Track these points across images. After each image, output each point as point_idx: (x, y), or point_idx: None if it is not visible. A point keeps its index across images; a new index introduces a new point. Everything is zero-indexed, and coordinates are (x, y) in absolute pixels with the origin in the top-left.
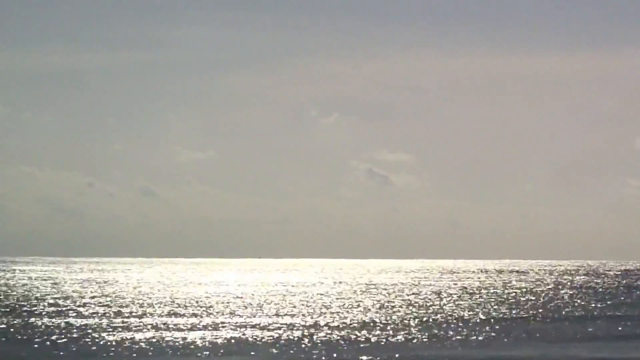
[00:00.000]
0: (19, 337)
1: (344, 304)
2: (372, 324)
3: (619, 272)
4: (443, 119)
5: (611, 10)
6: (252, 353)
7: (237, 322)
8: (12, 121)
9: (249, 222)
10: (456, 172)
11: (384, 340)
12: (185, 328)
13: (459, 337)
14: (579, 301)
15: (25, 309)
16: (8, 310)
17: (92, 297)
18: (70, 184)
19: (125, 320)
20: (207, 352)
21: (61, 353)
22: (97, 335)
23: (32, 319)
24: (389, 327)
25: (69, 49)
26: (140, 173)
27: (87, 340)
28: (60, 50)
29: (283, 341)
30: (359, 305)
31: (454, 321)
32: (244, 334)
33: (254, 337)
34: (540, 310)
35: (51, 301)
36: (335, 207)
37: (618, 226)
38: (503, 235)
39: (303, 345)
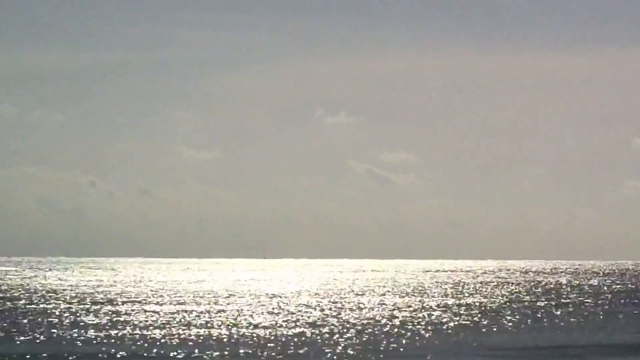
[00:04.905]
0: None
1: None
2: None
3: None
4: (443, 118)
5: (611, 10)
6: None
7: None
8: (13, 121)
9: (249, 222)
10: (457, 171)
11: None
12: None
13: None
14: None
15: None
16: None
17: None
18: (70, 184)
19: None
20: None
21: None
22: None
23: None
24: None
25: (71, 49)
26: (141, 173)
27: None
28: (63, 50)
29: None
30: None
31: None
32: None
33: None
34: None
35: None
36: (335, 207)
37: (617, 226)
38: (503, 235)
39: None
